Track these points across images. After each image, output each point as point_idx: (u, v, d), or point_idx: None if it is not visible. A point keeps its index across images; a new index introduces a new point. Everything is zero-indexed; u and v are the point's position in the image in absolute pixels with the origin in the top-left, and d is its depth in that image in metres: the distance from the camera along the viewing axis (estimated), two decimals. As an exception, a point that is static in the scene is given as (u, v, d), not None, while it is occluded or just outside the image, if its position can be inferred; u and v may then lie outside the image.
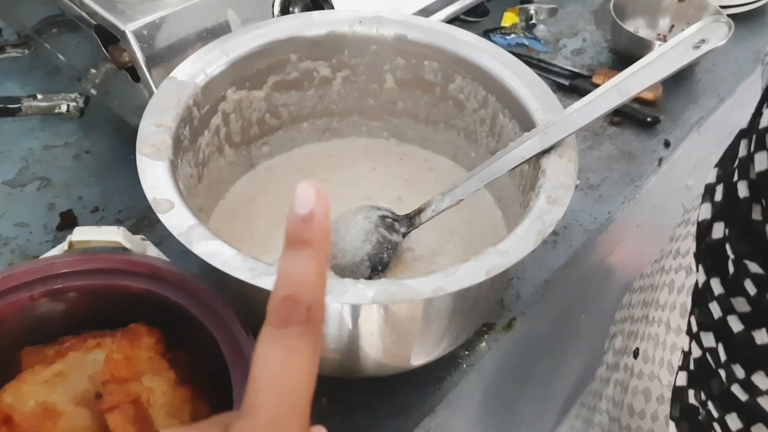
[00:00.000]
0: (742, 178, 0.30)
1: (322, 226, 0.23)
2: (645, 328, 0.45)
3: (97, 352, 0.38)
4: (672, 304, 0.41)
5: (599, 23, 0.81)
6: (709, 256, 0.34)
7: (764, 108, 0.28)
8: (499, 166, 0.45)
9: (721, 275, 0.33)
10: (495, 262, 0.37)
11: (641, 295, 0.50)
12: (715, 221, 0.34)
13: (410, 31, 0.52)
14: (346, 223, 0.49)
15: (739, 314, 0.31)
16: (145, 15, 0.50)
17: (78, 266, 0.40)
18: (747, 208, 0.30)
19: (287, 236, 0.23)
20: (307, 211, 0.22)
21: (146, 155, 0.41)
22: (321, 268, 0.23)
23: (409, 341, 0.42)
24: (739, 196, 0.30)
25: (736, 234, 0.31)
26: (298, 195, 0.22)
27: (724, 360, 0.33)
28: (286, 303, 0.22)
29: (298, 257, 0.22)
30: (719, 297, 0.33)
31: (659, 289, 0.44)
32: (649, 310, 0.45)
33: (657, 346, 0.42)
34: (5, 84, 0.68)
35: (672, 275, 0.43)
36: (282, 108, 0.54)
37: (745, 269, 0.30)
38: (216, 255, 0.36)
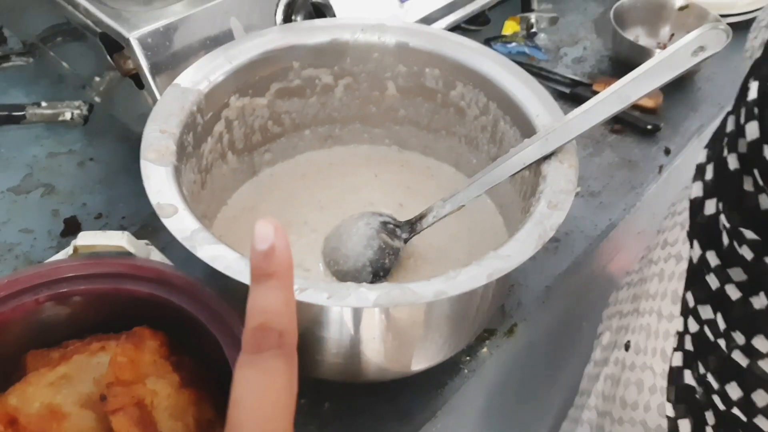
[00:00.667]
0: (732, 152, 0.31)
1: (284, 258, 0.24)
2: (636, 320, 0.46)
3: (101, 355, 0.38)
4: (663, 292, 0.42)
5: (600, 32, 0.82)
6: (702, 232, 0.35)
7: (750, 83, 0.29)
8: (500, 171, 0.45)
9: (716, 248, 0.33)
10: (496, 267, 0.37)
11: (629, 290, 0.50)
12: (707, 198, 0.34)
13: (412, 39, 0.52)
14: (348, 229, 0.49)
15: (737, 283, 0.32)
16: (149, 23, 0.51)
17: (83, 270, 0.41)
18: (738, 180, 0.30)
19: (252, 271, 0.24)
20: (267, 246, 0.24)
21: (150, 161, 0.41)
22: (288, 296, 0.25)
23: (410, 346, 0.43)
24: (730, 169, 0.31)
25: (729, 206, 0.32)
26: (256, 232, 0.24)
27: (723, 329, 0.34)
28: (258, 331, 0.24)
29: (264, 289, 0.24)
30: (716, 269, 0.33)
31: (649, 281, 0.45)
32: (639, 302, 0.46)
33: (649, 336, 0.43)
34: (10, 92, 0.69)
35: (661, 265, 0.43)
36: (284, 115, 0.55)
37: (741, 237, 0.30)
38: (219, 259, 0.37)
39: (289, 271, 0.25)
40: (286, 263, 0.24)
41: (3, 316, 0.39)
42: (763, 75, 0.28)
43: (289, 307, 0.25)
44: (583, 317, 0.66)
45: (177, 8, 0.53)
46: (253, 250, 0.24)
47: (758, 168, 0.29)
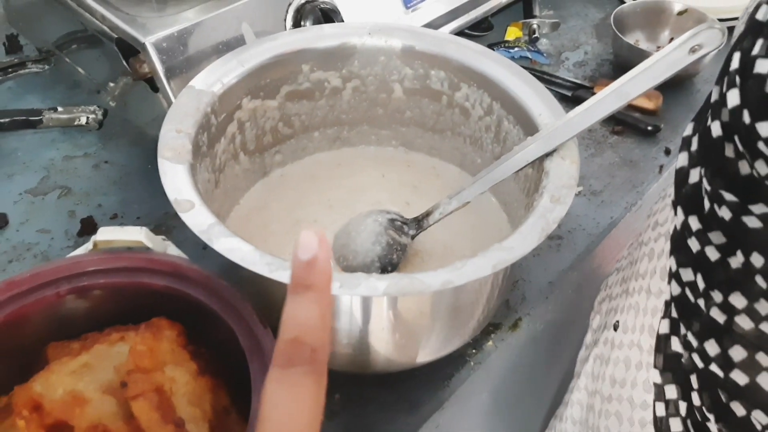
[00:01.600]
0: (715, 119, 0.32)
1: (325, 271, 0.24)
2: (624, 301, 0.47)
3: (120, 345, 0.40)
4: (652, 270, 0.43)
5: (600, 37, 0.84)
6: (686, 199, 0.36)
7: (733, 54, 0.30)
8: (504, 169, 0.47)
9: (698, 213, 0.35)
10: (500, 257, 0.39)
11: (619, 274, 0.51)
12: (692, 167, 0.36)
13: (417, 42, 0.54)
14: (356, 226, 0.51)
15: (716, 245, 0.34)
16: (164, 28, 0.53)
17: (102, 265, 0.42)
18: (721, 147, 0.32)
19: (291, 281, 0.24)
20: (310, 256, 0.24)
21: (167, 159, 0.43)
22: (324, 311, 0.24)
23: (418, 337, 0.44)
24: (713, 136, 0.32)
25: (711, 172, 0.33)
26: (301, 241, 0.24)
27: (703, 288, 0.35)
28: (291, 345, 0.24)
29: (302, 301, 0.24)
30: (697, 232, 0.35)
31: (639, 261, 0.46)
32: (628, 284, 0.47)
33: (637, 313, 0.44)
34: (27, 98, 0.71)
35: (651, 245, 0.44)
36: (294, 117, 0.56)
37: (721, 198, 0.32)
38: (235, 251, 0.38)
39: (329, 285, 0.24)
40: (326, 276, 0.24)
41: (25, 309, 0.41)
42: (745, 47, 0.29)
43: (324, 322, 0.24)
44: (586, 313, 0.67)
45: (190, 14, 0.54)
46: (295, 258, 0.24)
47: (739, 134, 0.30)
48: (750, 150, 0.29)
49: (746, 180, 0.31)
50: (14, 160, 0.65)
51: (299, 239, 0.24)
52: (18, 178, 0.63)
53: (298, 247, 0.24)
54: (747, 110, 0.29)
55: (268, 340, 0.38)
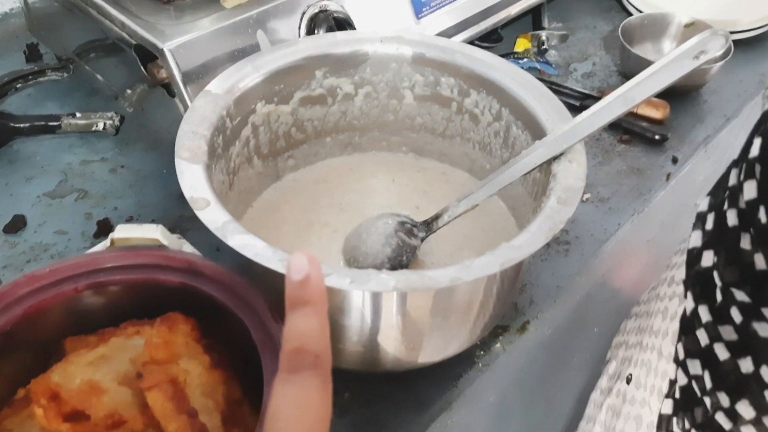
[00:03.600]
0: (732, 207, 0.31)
1: (318, 286, 0.26)
2: (639, 354, 0.46)
3: (136, 338, 0.41)
4: (665, 331, 0.42)
5: (608, 48, 0.85)
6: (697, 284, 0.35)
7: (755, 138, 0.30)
8: (512, 172, 0.48)
9: (709, 303, 0.33)
10: (509, 256, 0.39)
11: (637, 321, 0.51)
12: (705, 249, 0.34)
13: (428, 50, 0.55)
14: (367, 228, 0.52)
15: (726, 342, 0.32)
16: (181, 35, 0.54)
17: (119, 261, 0.43)
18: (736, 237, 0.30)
19: (287, 300, 0.26)
20: (303, 275, 0.26)
21: (184, 159, 0.44)
22: (322, 322, 0.26)
23: (427, 335, 0.45)
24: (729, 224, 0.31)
25: (724, 262, 0.32)
26: (292, 264, 0.26)
27: (709, 387, 0.34)
28: (295, 354, 0.25)
29: (300, 315, 0.26)
30: (707, 324, 0.33)
31: (653, 316, 0.45)
32: (643, 336, 0.46)
33: (649, 372, 0.43)
34: (46, 104, 0.73)
35: (666, 302, 0.44)
36: (307, 122, 0.58)
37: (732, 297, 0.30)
38: (249, 247, 0.39)
39: (324, 298, 0.26)
40: (320, 291, 0.26)
41: (44, 303, 0.42)
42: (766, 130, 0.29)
43: (324, 331, 0.26)
44: (592, 323, 0.67)
45: (207, 22, 0.56)
46: (288, 280, 0.26)
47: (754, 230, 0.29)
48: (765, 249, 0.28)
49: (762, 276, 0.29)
50: (33, 163, 0.66)
51: (291, 261, 0.26)
52: (36, 181, 0.64)
53: (290, 269, 0.26)
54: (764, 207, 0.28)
55: (280, 333, 0.39)
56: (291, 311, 0.26)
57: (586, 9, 0.92)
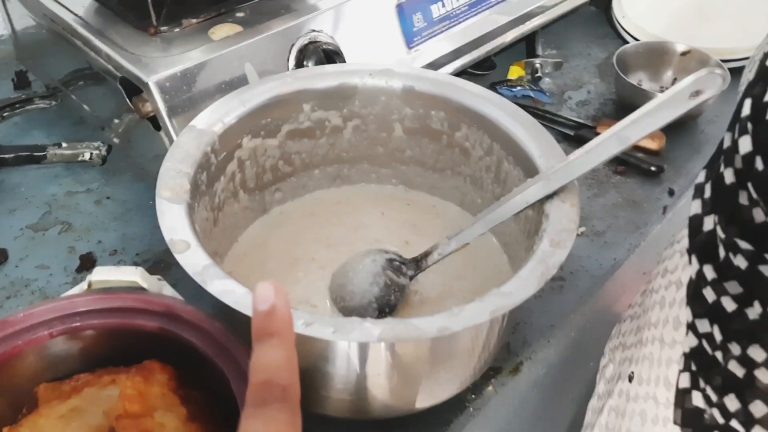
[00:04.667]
0: (728, 166, 0.32)
1: (285, 317, 0.25)
2: (639, 351, 0.46)
3: (111, 388, 0.39)
4: (664, 319, 0.42)
5: (603, 76, 0.84)
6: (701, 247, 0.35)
7: (745, 100, 0.30)
8: (504, 210, 0.46)
9: (713, 262, 0.34)
10: (498, 303, 0.38)
11: (632, 322, 0.50)
12: (706, 215, 0.35)
13: (417, 83, 0.54)
14: (354, 266, 0.50)
15: (732, 295, 0.33)
16: (167, 68, 0.53)
17: (96, 305, 0.42)
18: (734, 194, 0.31)
19: (253, 331, 0.25)
20: (269, 306, 0.25)
21: (165, 198, 0.43)
22: (290, 353, 0.26)
23: (415, 382, 0.43)
24: (726, 183, 0.32)
25: (725, 220, 0.32)
26: (257, 294, 0.25)
27: (720, 341, 0.34)
28: (262, 387, 0.25)
29: (267, 347, 0.25)
30: (712, 281, 0.34)
31: (650, 310, 0.45)
32: (642, 333, 0.46)
33: (652, 364, 0.43)
34: (32, 133, 0.72)
35: (662, 292, 0.43)
36: (295, 155, 0.56)
37: (736, 247, 0.31)
38: (228, 293, 0.38)
39: (290, 329, 0.26)
40: (286, 322, 0.26)
41: (17, 349, 0.40)
42: (756, 93, 0.30)
43: (291, 363, 0.25)
44: (589, 356, 0.66)
45: (194, 54, 0.55)
46: (254, 311, 0.25)
47: (752, 181, 0.30)
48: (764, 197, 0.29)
49: (761, 228, 0.30)
50: (17, 195, 0.65)
51: (256, 291, 0.26)
52: (20, 213, 0.63)
53: (256, 299, 0.25)
54: (760, 157, 0.29)
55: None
56: (257, 343, 0.25)
57: (581, 36, 0.92)
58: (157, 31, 0.57)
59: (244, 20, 0.59)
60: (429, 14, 0.68)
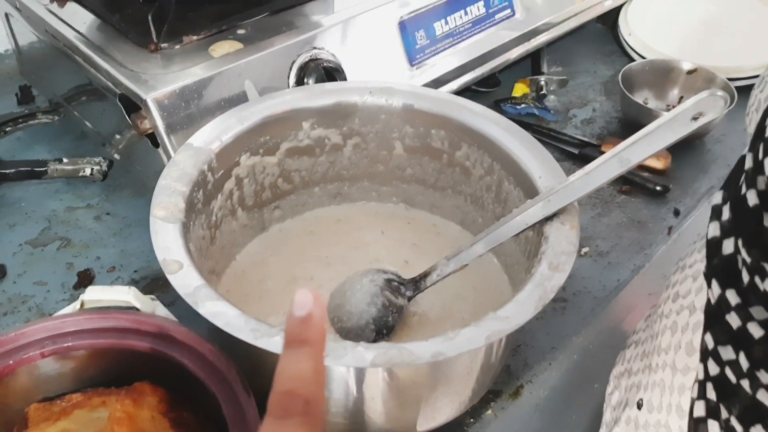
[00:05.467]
0: (751, 188, 0.31)
1: (319, 327, 0.25)
2: (647, 377, 0.45)
3: (101, 410, 0.39)
4: (676, 345, 0.41)
5: (609, 94, 0.83)
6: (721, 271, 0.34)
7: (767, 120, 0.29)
8: (503, 231, 0.46)
9: (736, 286, 0.33)
10: (495, 328, 0.37)
11: (638, 348, 0.49)
12: (725, 237, 0.34)
13: (417, 101, 0.54)
14: (352, 286, 0.50)
15: (759, 321, 0.32)
16: (166, 85, 0.53)
17: (87, 325, 0.41)
18: (758, 217, 0.30)
19: (286, 336, 0.25)
20: (306, 312, 0.24)
21: (159, 218, 0.43)
22: (318, 365, 0.25)
23: (411, 407, 0.42)
24: (749, 205, 0.31)
25: (748, 243, 0.31)
26: (296, 299, 0.25)
27: (746, 368, 0.33)
28: (285, 397, 0.24)
29: (296, 355, 0.24)
30: (736, 307, 0.33)
31: (660, 335, 0.44)
32: (650, 358, 0.45)
33: (663, 391, 0.42)
34: (35, 148, 0.72)
35: (673, 317, 0.42)
36: (294, 173, 0.56)
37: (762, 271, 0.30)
38: (220, 315, 0.37)
39: (323, 340, 0.25)
40: (320, 332, 0.25)
41: (8, 369, 0.40)
42: None
43: (318, 376, 0.25)
44: (592, 379, 0.65)
45: (194, 71, 0.55)
46: (290, 316, 0.25)
47: None
48: None
49: None
50: (17, 210, 0.65)
51: (295, 297, 0.25)
52: (19, 228, 0.63)
53: (294, 305, 0.25)
54: None
55: (251, 408, 0.37)
56: (287, 348, 0.25)
57: (586, 53, 0.91)
58: (157, 48, 0.57)
59: (245, 37, 0.59)
60: (432, 31, 0.68)
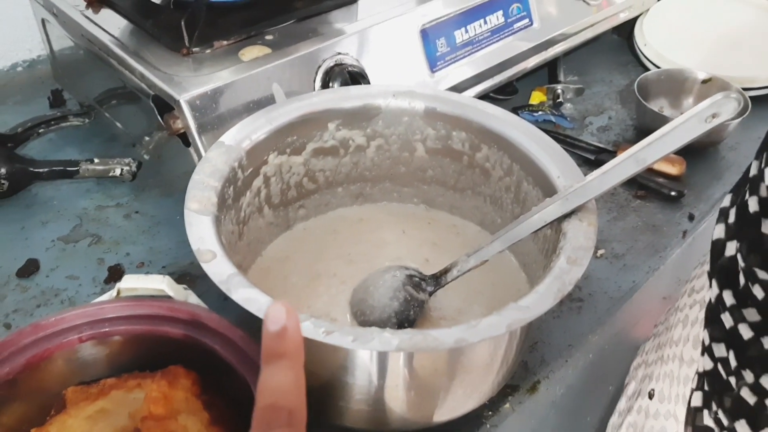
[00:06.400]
0: (753, 194, 0.32)
1: (295, 339, 0.25)
2: (660, 368, 0.46)
3: (137, 391, 0.40)
4: (686, 338, 0.42)
5: (624, 102, 0.85)
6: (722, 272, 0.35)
7: None
8: (523, 228, 0.47)
9: (732, 288, 0.34)
10: (515, 317, 0.39)
11: (655, 340, 0.50)
12: (729, 240, 0.35)
13: (439, 104, 0.55)
14: (375, 281, 0.51)
15: (750, 323, 0.33)
16: (198, 87, 0.55)
17: (123, 311, 0.43)
18: (758, 223, 0.31)
19: (263, 352, 0.25)
20: (279, 327, 0.25)
21: (193, 210, 0.45)
22: (298, 376, 0.26)
23: (432, 395, 0.44)
24: (750, 211, 0.32)
25: (747, 248, 0.33)
26: (268, 314, 0.26)
27: (734, 366, 0.34)
28: (268, 410, 0.25)
29: (275, 369, 0.25)
30: (731, 308, 0.34)
31: (673, 327, 0.45)
32: (663, 350, 0.46)
33: (672, 382, 0.43)
34: (66, 149, 0.74)
35: (686, 311, 0.44)
36: (319, 173, 0.58)
37: (754, 276, 0.31)
38: (252, 301, 0.39)
39: (299, 352, 0.26)
40: (296, 344, 0.26)
41: (48, 352, 0.42)
42: None
43: (299, 386, 0.25)
44: (607, 380, 0.66)
45: (224, 74, 0.57)
46: (265, 331, 0.25)
47: None
48: None
49: None
50: (50, 208, 0.67)
51: (267, 312, 0.26)
52: (52, 225, 0.65)
53: (267, 320, 0.25)
54: None
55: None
56: (266, 364, 0.25)
57: (602, 63, 0.93)
58: (189, 52, 0.59)
59: (273, 43, 0.61)
60: (452, 39, 0.70)
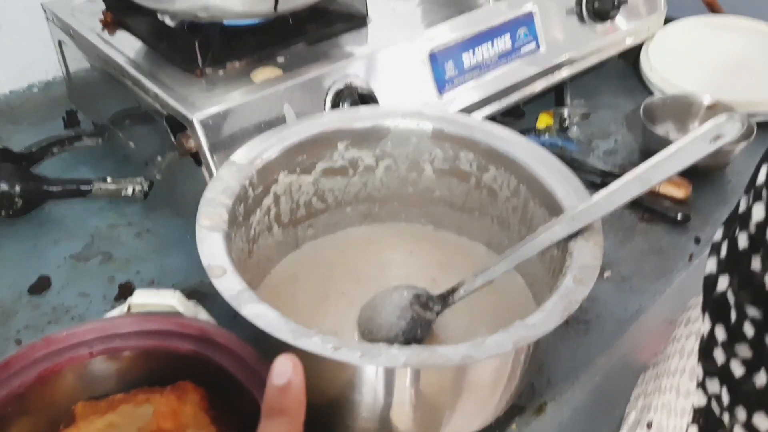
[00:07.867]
0: (743, 230, 0.32)
1: (298, 395, 0.26)
2: (658, 399, 0.46)
3: (146, 406, 0.41)
4: (682, 369, 0.42)
5: (631, 127, 0.86)
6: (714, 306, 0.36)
7: (762, 165, 0.31)
8: (529, 248, 0.48)
9: (724, 323, 0.34)
10: (522, 334, 0.39)
11: (654, 369, 0.50)
12: (721, 274, 0.35)
13: (447, 126, 0.56)
14: (383, 300, 0.52)
15: (742, 359, 0.33)
16: (211, 107, 0.56)
17: (134, 327, 0.44)
18: (747, 259, 0.32)
19: (264, 404, 0.26)
20: (285, 381, 0.25)
21: (204, 227, 0.45)
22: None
23: (439, 413, 0.44)
24: (740, 247, 0.32)
25: (738, 284, 0.33)
26: (276, 367, 0.26)
27: (727, 403, 0.34)
28: None
29: (274, 424, 0.25)
30: (723, 343, 0.34)
31: (671, 358, 0.45)
32: (661, 380, 0.46)
33: (669, 414, 0.43)
34: (79, 168, 0.75)
35: (683, 342, 0.44)
36: (328, 192, 0.59)
37: (745, 313, 0.32)
38: (262, 317, 0.39)
39: (301, 409, 0.26)
40: (299, 401, 0.26)
41: (59, 367, 0.42)
42: None
43: None
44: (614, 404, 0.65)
45: (236, 95, 0.58)
46: (269, 384, 0.26)
47: (764, 249, 0.30)
48: None
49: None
50: (62, 226, 0.68)
51: (274, 365, 0.26)
52: (64, 243, 0.66)
53: (273, 373, 0.25)
54: None
55: (288, 407, 0.39)
56: (266, 418, 0.25)
57: (608, 88, 0.94)
58: (202, 73, 0.60)
59: (284, 65, 0.62)
60: (461, 63, 0.71)
